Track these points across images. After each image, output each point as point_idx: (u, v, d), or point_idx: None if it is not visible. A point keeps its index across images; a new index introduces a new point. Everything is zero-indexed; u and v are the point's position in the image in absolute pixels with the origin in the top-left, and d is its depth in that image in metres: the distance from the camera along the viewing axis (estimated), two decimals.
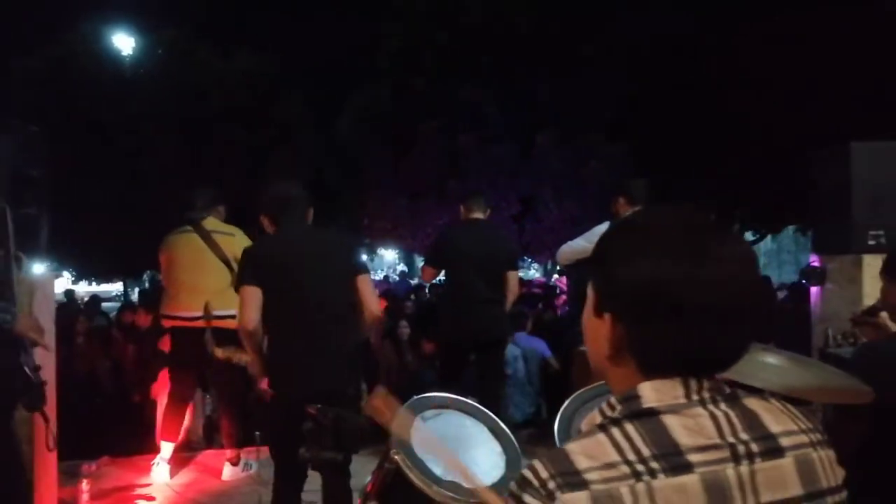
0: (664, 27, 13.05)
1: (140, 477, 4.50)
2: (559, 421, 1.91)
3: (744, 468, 0.79)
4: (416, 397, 2.01)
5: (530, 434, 5.18)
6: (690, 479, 0.76)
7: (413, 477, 1.68)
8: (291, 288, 2.79)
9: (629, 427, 0.80)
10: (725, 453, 0.79)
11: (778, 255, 24.67)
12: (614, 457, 0.77)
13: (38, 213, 3.06)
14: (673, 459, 0.77)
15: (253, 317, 2.75)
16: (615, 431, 0.80)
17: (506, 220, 12.83)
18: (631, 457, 0.77)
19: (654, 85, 12.93)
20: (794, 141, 9.00)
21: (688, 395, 0.82)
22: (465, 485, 1.58)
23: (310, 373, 2.77)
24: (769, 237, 18.67)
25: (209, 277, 4.21)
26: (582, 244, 4.11)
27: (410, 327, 6.66)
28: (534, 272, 23.76)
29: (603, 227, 3.90)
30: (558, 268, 14.32)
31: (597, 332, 0.88)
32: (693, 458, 0.77)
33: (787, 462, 0.82)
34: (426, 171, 14.08)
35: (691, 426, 0.79)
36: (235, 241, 4.23)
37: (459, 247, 4.27)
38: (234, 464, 4.44)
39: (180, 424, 4.49)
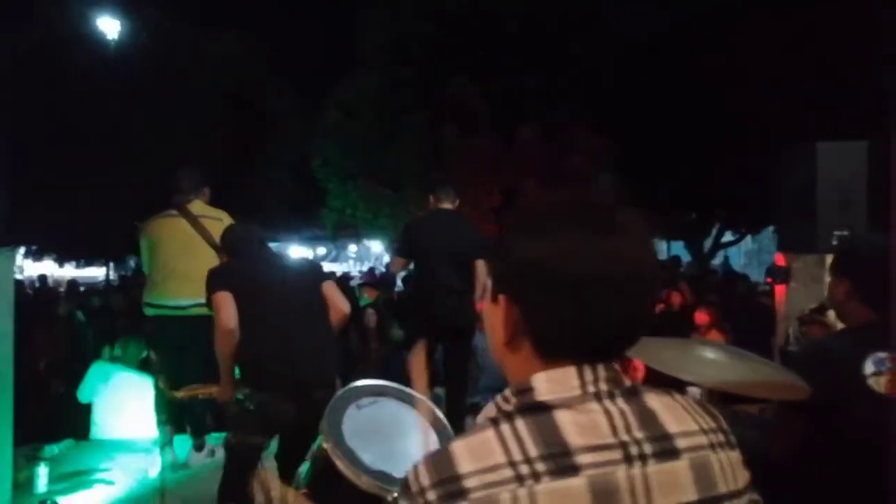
0: (653, 24, 13.07)
1: (103, 461, 4.48)
2: None
3: (636, 470, 0.75)
4: (351, 385, 1.99)
5: None
6: (576, 483, 0.73)
7: (341, 466, 1.66)
8: (261, 292, 2.92)
9: (520, 423, 0.77)
10: (617, 454, 0.75)
11: (758, 255, 24.85)
12: (499, 458, 0.74)
13: None
14: (560, 461, 0.73)
15: (231, 314, 2.82)
16: (505, 428, 0.77)
17: (486, 212, 12.81)
18: (517, 457, 0.74)
19: (640, 81, 12.95)
20: (779, 139, 9.04)
21: (583, 387, 0.79)
22: (395, 474, 1.58)
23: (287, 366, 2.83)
24: (749, 237, 18.80)
25: (199, 263, 3.95)
26: None
27: (378, 315, 6.65)
28: None
29: None
30: None
31: (494, 318, 0.87)
32: (582, 459, 0.74)
33: (681, 464, 0.78)
34: (410, 161, 14.03)
35: (584, 423, 0.76)
36: (224, 226, 4.16)
37: (426, 236, 4.28)
38: (199, 450, 4.42)
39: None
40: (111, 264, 20.59)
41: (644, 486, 0.75)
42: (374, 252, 37.11)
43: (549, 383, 0.79)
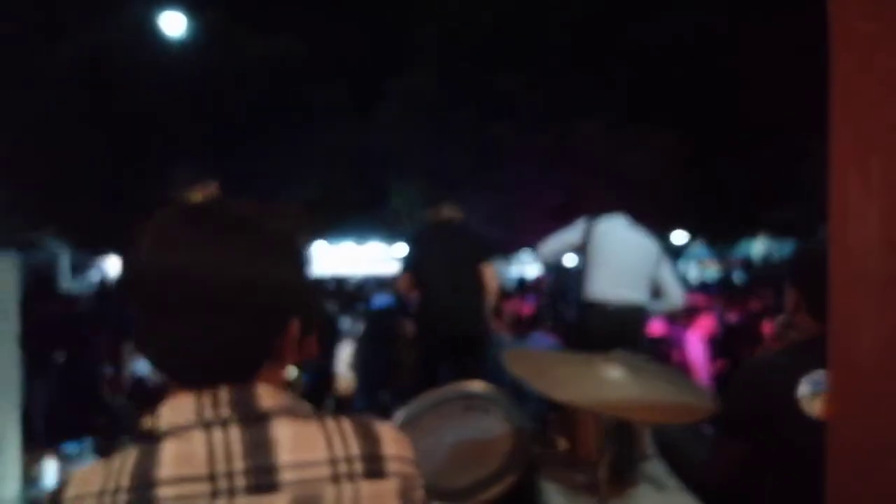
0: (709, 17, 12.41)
1: None
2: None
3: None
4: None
5: None
6: None
7: None
8: None
9: (132, 451, 0.75)
10: (204, 487, 0.72)
11: None
12: (96, 486, 0.73)
13: None
14: (141, 493, 0.71)
15: None
16: (117, 457, 0.76)
17: (544, 211, 12.44)
18: (110, 486, 0.72)
19: (703, 74, 12.32)
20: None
21: (199, 413, 0.75)
22: None
23: None
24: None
25: None
26: (563, 237, 3.90)
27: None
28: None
29: (582, 220, 3.74)
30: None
31: None
32: (163, 492, 0.71)
33: (279, 498, 0.73)
34: (461, 160, 13.80)
35: (182, 454, 0.73)
36: None
37: (427, 247, 4.28)
38: None
39: None
40: None
41: None
42: None
43: (170, 411, 0.77)
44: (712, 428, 1.68)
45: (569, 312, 4.43)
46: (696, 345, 5.40)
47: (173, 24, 17.30)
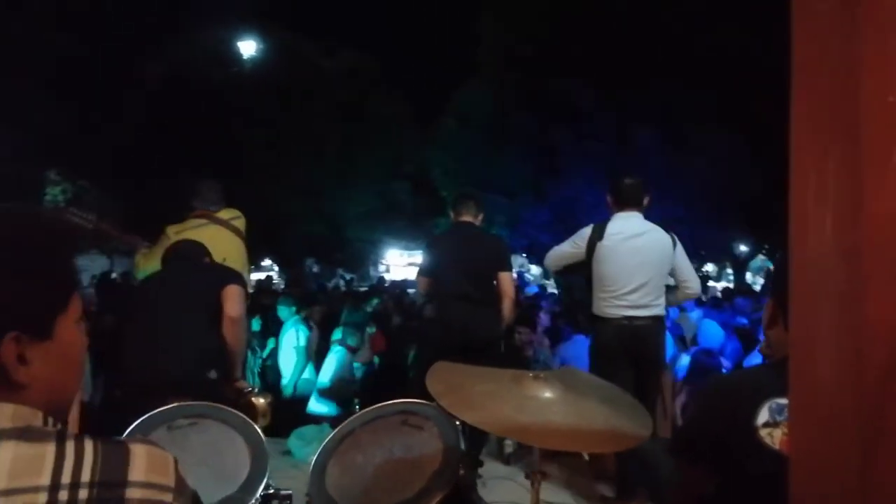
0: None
1: None
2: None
3: None
4: (170, 406, 2.02)
5: None
6: None
7: None
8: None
9: None
10: None
11: None
12: None
13: None
14: None
15: None
16: None
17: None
18: None
19: (770, 77, 11.79)
20: None
21: None
22: None
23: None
24: None
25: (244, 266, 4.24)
26: (568, 249, 3.74)
27: None
28: None
29: (588, 229, 3.59)
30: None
31: None
32: None
33: None
34: (522, 168, 13.69)
35: None
36: (243, 222, 4.30)
37: (444, 251, 4.16)
38: None
39: None
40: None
41: None
42: None
43: None
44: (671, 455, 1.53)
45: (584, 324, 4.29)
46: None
47: (248, 44, 18.02)
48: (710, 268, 25.18)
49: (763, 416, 1.34)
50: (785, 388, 1.23)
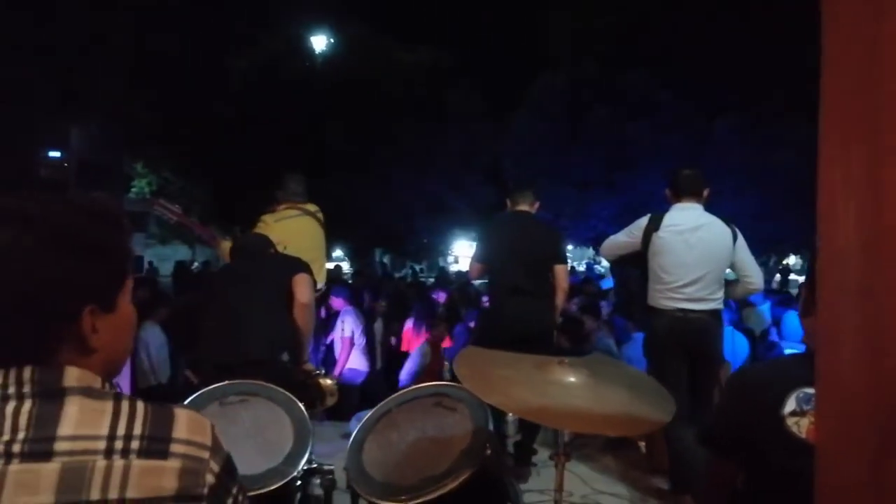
0: None
1: None
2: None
3: None
4: (222, 384, 2.19)
5: None
6: None
7: None
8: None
9: None
10: None
11: None
12: None
13: None
14: None
15: None
16: None
17: None
18: None
19: None
20: None
21: (4, 387, 0.83)
22: None
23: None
24: None
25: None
26: (623, 239, 3.65)
27: None
28: None
29: (644, 220, 3.50)
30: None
31: None
32: None
33: (50, 467, 0.79)
34: (594, 160, 13.45)
35: None
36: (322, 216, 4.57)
37: (498, 239, 4.09)
38: None
39: None
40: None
41: None
42: None
43: None
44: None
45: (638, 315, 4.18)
46: None
47: (324, 40, 18.49)
48: (792, 260, 24.10)
49: (790, 405, 1.34)
50: (813, 377, 1.21)
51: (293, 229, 4.34)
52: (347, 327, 6.19)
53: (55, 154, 22.62)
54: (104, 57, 8.70)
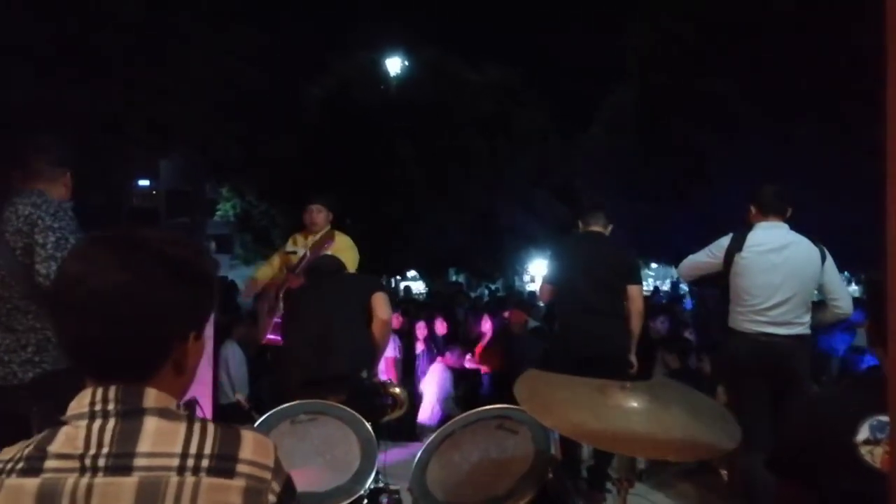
0: None
1: None
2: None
3: (84, 479, 0.86)
4: (293, 403, 2.29)
5: None
6: (31, 482, 0.86)
7: None
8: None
9: (45, 433, 0.91)
10: (75, 464, 0.87)
11: None
12: (9, 455, 0.90)
13: None
14: (33, 462, 0.87)
15: None
16: (38, 436, 0.91)
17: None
18: (17, 456, 0.89)
19: None
20: None
21: (92, 404, 0.90)
22: None
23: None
24: None
25: None
26: (704, 259, 3.53)
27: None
28: None
29: (726, 239, 3.38)
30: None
31: None
32: (49, 463, 0.87)
33: (130, 480, 0.86)
34: (668, 173, 13.12)
35: (70, 436, 0.89)
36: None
37: (570, 259, 4.08)
38: None
39: None
40: None
41: (86, 494, 0.85)
42: None
43: (75, 401, 0.92)
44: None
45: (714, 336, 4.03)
46: None
47: (397, 62, 18.97)
48: None
49: (864, 432, 1.32)
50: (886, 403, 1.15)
51: (341, 246, 4.55)
52: (390, 348, 6.41)
53: (144, 183, 24.11)
54: (184, 84, 9.21)
